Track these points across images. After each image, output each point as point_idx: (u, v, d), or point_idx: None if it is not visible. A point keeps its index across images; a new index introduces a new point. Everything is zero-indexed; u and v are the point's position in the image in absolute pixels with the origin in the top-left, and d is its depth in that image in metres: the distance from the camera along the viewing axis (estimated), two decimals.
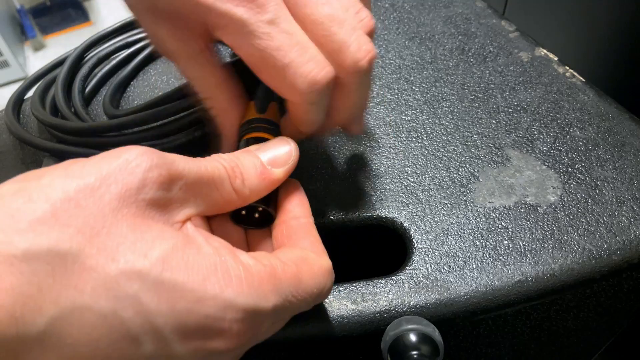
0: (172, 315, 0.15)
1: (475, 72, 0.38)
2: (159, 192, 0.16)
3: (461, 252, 0.26)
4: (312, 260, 0.19)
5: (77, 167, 0.16)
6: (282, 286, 0.17)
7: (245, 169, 0.20)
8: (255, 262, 0.17)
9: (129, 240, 0.15)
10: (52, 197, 0.15)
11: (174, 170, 0.17)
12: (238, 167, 0.20)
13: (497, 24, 0.44)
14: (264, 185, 0.20)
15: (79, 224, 0.15)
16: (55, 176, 0.15)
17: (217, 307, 0.16)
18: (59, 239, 0.14)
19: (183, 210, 0.18)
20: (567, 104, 0.35)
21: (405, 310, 0.25)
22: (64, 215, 0.15)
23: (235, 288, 0.16)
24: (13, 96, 0.39)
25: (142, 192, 0.16)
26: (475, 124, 0.34)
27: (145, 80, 0.41)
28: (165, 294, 0.15)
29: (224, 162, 0.19)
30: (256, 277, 0.17)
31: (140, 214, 0.16)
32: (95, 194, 0.15)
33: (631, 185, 0.29)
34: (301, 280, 0.18)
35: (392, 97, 0.36)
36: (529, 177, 0.30)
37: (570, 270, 0.26)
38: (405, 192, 0.30)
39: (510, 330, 0.28)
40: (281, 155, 0.21)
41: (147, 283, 0.15)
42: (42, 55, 1.88)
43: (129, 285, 0.15)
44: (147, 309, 0.15)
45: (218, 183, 0.19)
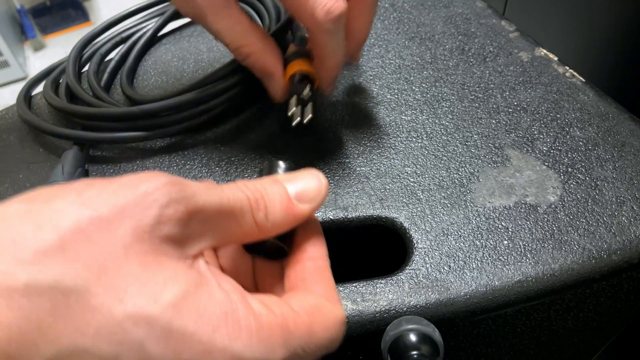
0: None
1: (475, 72, 0.38)
2: (175, 229, 0.15)
3: (461, 252, 0.26)
4: (326, 310, 0.18)
5: (92, 195, 0.15)
6: (293, 339, 0.16)
7: (271, 201, 0.18)
8: (267, 312, 0.16)
9: (139, 281, 0.14)
10: (62, 226, 0.14)
11: (192, 205, 0.16)
12: (263, 198, 0.18)
13: (497, 24, 0.44)
14: (287, 221, 0.19)
15: (88, 259, 0.14)
16: (69, 202, 0.14)
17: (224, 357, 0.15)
18: (64, 274, 0.13)
19: (199, 243, 0.17)
20: (567, 104, 0.35)
21: (405, 310, 0.25)
22: (72, 248, 0.14)
23: (245, 341, 0.15)
24: (23, 91, 0.39)
25: (158, 229, 0.15)
26: (475, 124, 0.34)
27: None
28: (172, 344, 0.14)
29: (248, 192, 0.18)
30: (266, 329, 0.16)
31: (153, 250, 0.15)
32: (109, 228, 0.14)
33: (631, 185, 0.29)
34: (313, 333, 0.17)
35: (392, 97, 0.36)
36: (529, 177, 0.30)
37: (570, 270, 0.26)
38: (405, 192, 0.30)
39: (510, 330, 0.28)
40: (310, 189, 0.19)
41: (155, 330, 0.14)
42: (42, 55, 1.88)
43: (135, 330, 0.14)
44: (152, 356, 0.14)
45: (239, 216, 0.17)
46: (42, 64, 1.79)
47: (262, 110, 0.37)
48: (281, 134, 0.35)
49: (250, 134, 0.35)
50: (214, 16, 0.28)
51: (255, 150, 0.34)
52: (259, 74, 0.31)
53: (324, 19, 0.26)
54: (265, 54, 0.30)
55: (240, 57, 0.31)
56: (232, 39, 0.29)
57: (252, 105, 0.37)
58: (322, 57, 0.29)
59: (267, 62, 0.30)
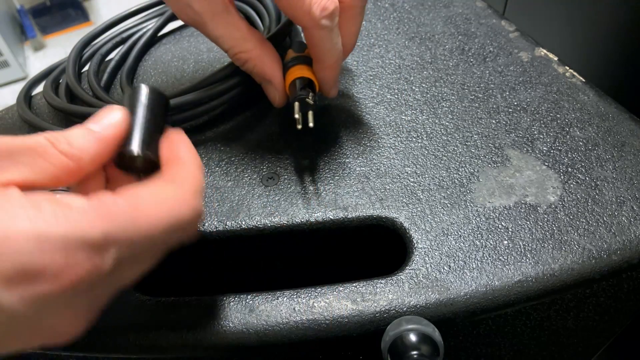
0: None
1: (475, 72, 0.38)
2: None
3: (461, 252, 0.26)
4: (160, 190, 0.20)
5: None
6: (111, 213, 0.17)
7: (72, 134, 0.21)
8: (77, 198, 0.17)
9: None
10: None
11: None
12: (62, 134, 0.20)
13: (497, 24, 0.44)
14: (94, 144, 0.21)
15: None
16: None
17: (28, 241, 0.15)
18: None
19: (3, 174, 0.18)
20: (567, 104, 0.35)
21: (405, 310, 0.25)
22: None
23: (48, 220, 0.16)
24: (23, 91, 0.39)
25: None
26: (475, 124, 0.34)
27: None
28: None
29: (47, 135, 0.20)
30: (74, 210, 0.16)
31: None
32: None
33: (631, 185, 0.29)
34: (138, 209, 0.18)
35: (392, 97, 0.36)
36: (529, 177, 0.30)
37: (570, 270, 0.26)
38: (405, 192, 0.30)
39: (510, 330, 0.28)
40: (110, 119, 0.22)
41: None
42: (42, 55, 1.88)
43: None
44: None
45: (40, 151, 0.19)
46: (42, 64, 1.79)
47: (262, 111, 0.37)
48: (281, 134, 0.35)
49: (250, 134, 0.35)
50: (212, 23, 0.28)
51: (255, 150, 0.34)
52: (258, 79, 0.32)
53: (320, 15, 0.27)
54: (263, 60, 0.30)
55: (239, 63, 0.31)
56: (231, 45, 0.29)
57: (252, 105, 0.37)
58: (321, 56, 0.30)
59: (266, 68, 0.31)
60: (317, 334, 0.24)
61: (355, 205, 0.29)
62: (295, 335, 0.24)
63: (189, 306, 0.25)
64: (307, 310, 0.25)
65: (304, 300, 0.25)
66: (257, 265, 0.33)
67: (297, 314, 0.25)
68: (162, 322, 0.25)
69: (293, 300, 0.25)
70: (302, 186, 0.30)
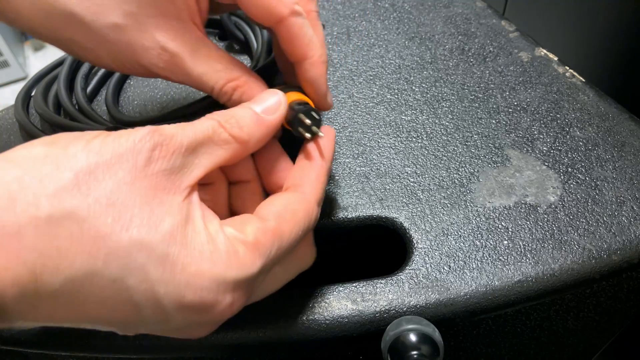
0: (172, 286, 0.17)
1: (475, 72, 0.38)
2: (164, 164, 0.18)
3: (461, 252, 0.26)
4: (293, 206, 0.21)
5: (97, 144, 0.17)
6: (265, 248, 0.19)
7: (241, 118, 0.22)
8: (240, 234, 0.19)
9: (141, 213, 0.17)
10: (76, 168, 0.16)
11: (172, 143, 0.19)
12: (234, 117, 0.21)
13: (497, 24, 0.44)
14: (261, 130, 0.22)
15: (97, 195, 0.16)
16: (79, 149, 0.17)
17: (210, 281, 0.18)
18: (79, 207, 0.16)
19: (192, 172, 0.19)
20: (567, 104, 0.35)
21: (405, 310, 0.25)
22: (85, 186, 0.16)
23: (225, 262, 0.18)
24: (20, 94, 0.39)
25: (150, 167, 0.18)
26: (475, 124, 0.34)
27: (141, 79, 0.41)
28: (168, 267, 0.17)
29: (217, 117, 0.21)
30: (241, 250, 0.19)
31: (152, 186, 0.18)
32: (111, 170, 0.17)
33: (631, 185, 0.29)
34: (283, 235, 0.20)
35: (392, 97, 0.36)
36: (529, 177, 0.30)
37: (570, 270, 0.26)
38: (405, 192, 0.30)
39: (510, 330, 0.28)
40: (272, 104, 0.23)
41: (155, 255, 0.17)
42: (42, 55, 1.88)
43: (139, 255, 0.16)
44: (151, 279, 0.17)
45: (214, 137, 0.20)
46: (42, 63, 1.79)
47: None
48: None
49: None
50: (192, 60, 0.25)
51: None
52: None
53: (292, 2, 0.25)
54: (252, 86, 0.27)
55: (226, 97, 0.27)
56: (216, 79, 0.26)
57: None
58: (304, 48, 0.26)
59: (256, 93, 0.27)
60: (317, 334, 0.24)
61: (355, 205, 0.29)
62: (295, 335, 0.24)
63: None
64: (307, 310, 0.25)
65: (304, 300, 0.25)
66: None
67: (297, 314, 0.25)
68: None
69: (293, 301, 0.25)
70: None
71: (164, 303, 0.17)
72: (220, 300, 0.18)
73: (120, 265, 0.16)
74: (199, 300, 0.18)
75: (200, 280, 0.17)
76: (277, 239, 0.20)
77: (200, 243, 0.18)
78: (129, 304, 0.17)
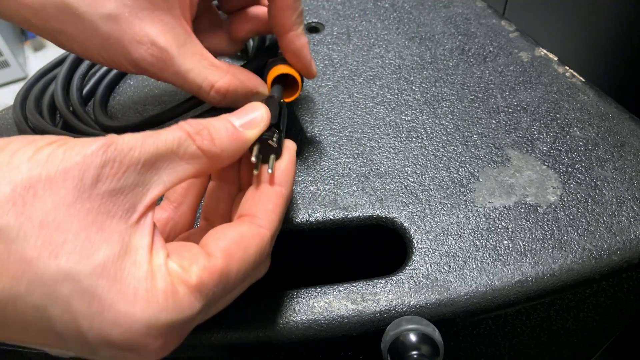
0: (97, 323, 0.16)
1: (475, 72, 0.38)
2: (113, 184, 0.17)
3: (461, 252, 0.26)
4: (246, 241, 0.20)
5: (45, 154, 0.16)
6: (209, 288, 0.18)
7: (216, 130, 0.20)
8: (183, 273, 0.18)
9: (75, 240, 0.15)
10: (15, 181, 0.15)
11: (128, 159, 0.17)
12: (207, 128, 0.20)
13: (497, 24, 0.44)
14: (236, 146, 0.21)
15: (31, 214, 0.15)
16: (25, 159, 0.16)
17: (140, 325, 0.16)
18: (10, 225, 0.15)
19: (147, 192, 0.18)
20: (567, 104, 0.35)
21: (405, 310, 0.25)
22: (20, 201, 0.15)
23: (160, 304, 0.17)
24: (19, 95, 0.39)
25: (97, 187, 0.16)
26: (475, 124, 0.34)
27: (133, 78, 0.41)
28: (95, 302, 0.15)
29: (188, 128, 0.19)
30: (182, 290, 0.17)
31: (95, 209, 0.16)
32: (53, 187, 0.15)
33: (631, 185, 0.29)
34: (230, 274, 0.19)
35: (392, 97, 0.36)
36: (529, 177, 0.30)
37: (570, 270, 0.26)
38: (405, 192, 0.30)
39: (510, 330, 0.28)
40: (253, 119, 0.22)
41: (81, 288, 0.15)
42: (42, 55, 1.88)
43: (64, 286, 0.15)
44: (74, 311, 0.15)
45: (179, 151, 0.19)
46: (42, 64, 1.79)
47: None
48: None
49: None
50: (180, 56, 0.24)
51: None
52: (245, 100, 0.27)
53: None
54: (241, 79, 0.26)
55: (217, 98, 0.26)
56: (204, 77, 0.25)
57: None
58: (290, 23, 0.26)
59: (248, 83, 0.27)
60: (317, 334, 0.24)
61: (355, 205, 0.29)
62: (295, 335, 0.24)
63: None
64: (307, 310, 0.25)
65: (304, 300, 0.25)
66: None
67: (297, 314, 0.25)
68: None
69: (293, 300, 0.25)
70: (302, 186, 0.30)
71: (88, 338, 0.16)
72: (150, 343, 0.17)
73: (43, 293, 0.15)
74: (127, 341, 0.16)
75: (128, 322, 0.16)
76: (224, 279, 0.19)
77: (137, 279, 0.16)
78: (52, 333, 0.16)
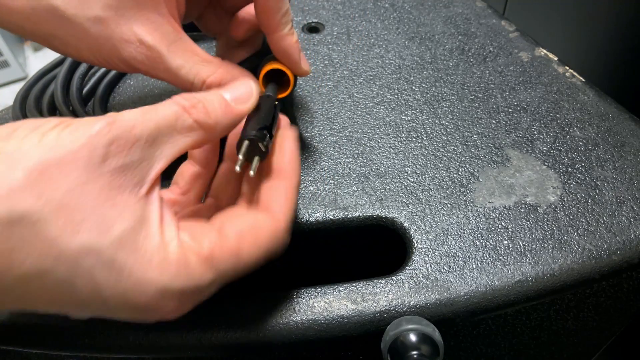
0: (118, 290, 0.17)
1: (475, 72, 0.38)
2: (121, 160, 0.18)
3: (461, 252, 0.26)
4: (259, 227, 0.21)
5: (52, 138, 0.17)
6: (219, 263, 0.19)
7: (210, 103, 0.21)
8: (196, 244, 0.19)
9: (92, 217, 0.17)
10: (29, 166, 0.16)
11: (132, 136, 0.18)
12: (201, 102, 0.21)
13: (497, 24, 0.44)
14: (229, 119, 0.22)
15: (49, 196, 0.16)
16: (33, 144, 0.17)
17: (155, 290, 0.18)
18: (31, 209, 0.16)
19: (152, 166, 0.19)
20: (567, 104, 0.35)
21: (405, 310, 0.25)
22: (37, 186, 0.16)
23: (173, 272, 0.18)
24: (19, 95, 0.39)
25: (106, 164, 0.17)
26: (475, 124, 0.34)
27: (133, 78, 0.41)
28: (115, 272, 0.17)
29: (183, 102, 0.20)
30: (193, 260, 0.19)
31: (106, 185, 0.17)
32: (65, 169, 0.17)
33: (631, 185, 0.29)
34: (241, 255, 0.20)
35: (392, 97, 0.36)
36: (529, 177, 0.30)
37: (570, 270, 0.26)
38: (405, 192, 0.30)
39: (510, 330, 0.28)
40: (243, 94, 0.23)
41: (102, 260, 0.17)
42: (42, 55, 1.88)
43: (86, 260, 0.17)
44: (97, 282, 0.17)
45: (177, 125, 0.20)
46: (42, 64, 1.79)
47: None
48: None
49: None
50: (170, 53, 0.24)
51: None
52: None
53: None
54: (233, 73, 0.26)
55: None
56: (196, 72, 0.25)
57: None
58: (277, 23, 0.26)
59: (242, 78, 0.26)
60: (317, 334, 0.24)
61: (355, 205, 0.29)
62: (295, 335, 0.24)
63: None
64: (307, 310, 0.25)
65: (304, 300, 0.25)
66: None
67: (297, 314, 0.25)
68: (162, 322, 0.25)
69: (293, 300, 0.25)
70: (302, 186, 0.30)
71: (109, 303, 0.18)
72: (164, 306, 0.19)
73: (68, 267, 0.17)
74: (143, 305, 0.18)
75: (144, 287, 0.18)
76: (234, 258, 0.20)
77: (151, 250, 0.18)
78: (76, 302, 0.17)
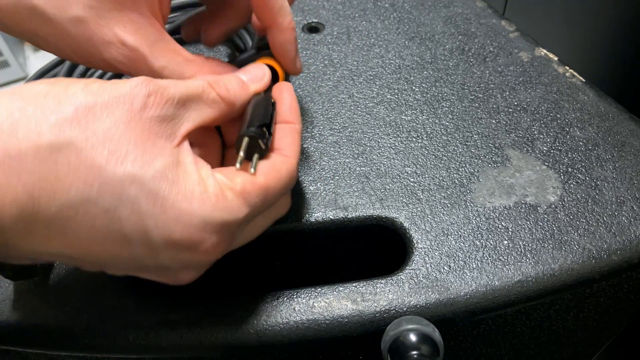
0: (161, 221, 0.18)
1: (475, 72, 0.38)
2: (157, 111, 0.19)
3: (461, 252, 0.26)
4: (279, 167, 0.23)
5: (95, 87, 0.18)
6: (251, 198, 0.21)
7: (229, 81, 0.23)
8: (229, 181, 0.20)
9: (135, 150, 0.18)
10: (76, 103, 0.17)
11: (166, 94, 0.20)
12: (222, 80, 0.23)
13: (497, 24, 0.44)
14: (244, 93, 0.24)
15: (95, 129, 0.17)
16: (79, 89, 0.18)
17: (198, 221, 0.19)
18: (78, 137, 0.17)
19: (182, 124, 0.20)
20: (567, 104, 0.35)
21: (405, 310, 0.25)
22: (84, 119, 0.17)
23: (213, 204, 0.19)
24: None
25: (145, 112, 0.19)
26: (475, 124, 0.34)
27: None
28: (159, 202, 0.18)
29: (207, 78, 0.23)
30: (229, 195, 0.20)
31: (146, 129, 0.19)
32: (109, 109, 0.18)
33: (631, 185, 0.29)
34: (268, 188, 0.21)
35: (392, 97, 0.36)
36: (529, 177, 0.30)
37: (570, 270, 0.26)
38: (405, 192, 0.30)
39: (510, 330, 0.28)
40: (258, 74, 0.25)
41: (146, 189, 0.18)
42: (42, 55, 1.88)
43: (131, 188, 0.17)
44: (141, 212, 0.18)
45: (204, 95, 0.22)
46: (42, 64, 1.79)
47: None
48: None
49: None
50: (152, 54, 0.24)
51: None
52: None
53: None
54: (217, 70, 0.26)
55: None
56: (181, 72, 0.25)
57: None
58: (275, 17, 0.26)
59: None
60: (317, 334, 0.24)
61: (355, 205, 0.29)
62: (295, 335, 0.24)
63: (189, 306, 0.25)
64: (307, 310, 0.25)
65: (304, 300, 0.25)
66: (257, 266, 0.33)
67: (297, 314, 0.25)
68: (162, 322, 0.25)
69: (293, 300, 0.25)
70: (302, 186, 0.30)
71: (153, 237, 0.18)
72: (206, 239, 0.19)
73: (113, 195, 0.17)
74: (187, 237, 0.18)
75: (188, 218, 0.18)
76: (263, 192, 0.21)
77: (191, 184, 0.19)
78: (119, 236, 0.18)
